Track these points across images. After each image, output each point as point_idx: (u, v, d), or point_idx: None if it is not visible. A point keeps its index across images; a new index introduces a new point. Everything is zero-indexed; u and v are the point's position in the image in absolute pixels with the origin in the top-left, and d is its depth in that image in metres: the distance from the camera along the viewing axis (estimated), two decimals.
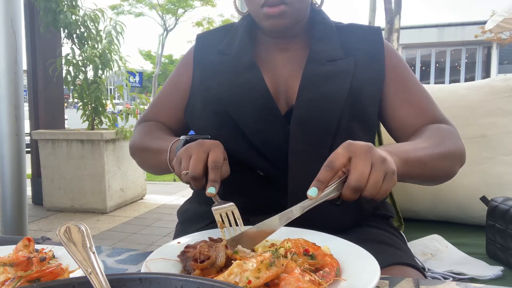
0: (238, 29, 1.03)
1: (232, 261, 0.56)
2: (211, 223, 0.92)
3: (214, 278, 0.50)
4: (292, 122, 0.88)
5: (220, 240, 0.67)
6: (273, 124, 0.90)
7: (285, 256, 0.58)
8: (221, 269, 0.58)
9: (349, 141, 0.67)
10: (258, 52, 1.01)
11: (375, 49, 0.97)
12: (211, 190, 0.74)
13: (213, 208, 0.75)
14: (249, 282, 0.50)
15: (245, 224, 0.73)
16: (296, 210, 0.66)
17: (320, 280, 0.55)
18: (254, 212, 0.83)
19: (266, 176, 0.89)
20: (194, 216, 0.99)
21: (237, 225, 0.72)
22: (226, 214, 0.74)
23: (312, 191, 0.63)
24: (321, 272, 0.57)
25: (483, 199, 1.33)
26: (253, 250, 0.65)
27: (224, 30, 1.07)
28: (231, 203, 0.75)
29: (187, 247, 0.65)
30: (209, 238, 0.69)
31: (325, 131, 0.87)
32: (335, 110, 0.88)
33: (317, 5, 1.01)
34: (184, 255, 0.63)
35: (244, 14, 1.05)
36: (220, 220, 0.73)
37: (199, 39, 1.09)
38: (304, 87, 0.91)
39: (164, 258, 0.63)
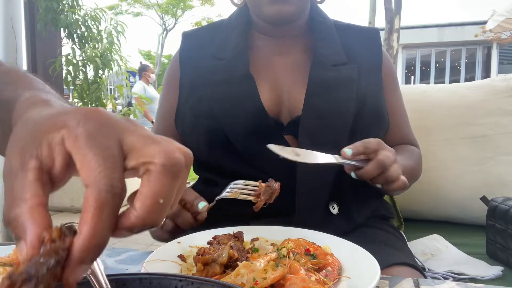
0: (231, 27, 0.95)
1: (238, 262, 0.56)
2: (210, 225, 0.91)
3: (220, 279, 0.50)
4: (300, 133, 0.84)
5: (240, 233, 0.67)
6: (268, 141, 0.84)
7: (288, 256, 0.58)
8: (225, 270, 0.58)
9: (380, 139, 0.75)
10: (256, 57, 0.93)
11: (374, 56, 0.96)
12: (201, 205, 0.73)
13: (217, 199, 0.75)
14: (256, 283, 0.51)
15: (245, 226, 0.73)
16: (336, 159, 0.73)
17: (325, 279, 0.55)
18: (257, 217, 0.81)
19: None
20: None
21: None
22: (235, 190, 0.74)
23: (348, 151, 0.72)
24: (324, 271, 0.57)
25: (483, 199, 1.32)
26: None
27: (214, 27, 0.99)
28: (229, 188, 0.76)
29: (214, 237, 0.66)
30: (233, 233, 0.68)
31: (335, 142, 0.83)
32: (344, 120, 0.86)
33: (317, 1, 0.97)
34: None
35: (239, 5, 0.97)
36: (233, 194, 0.74)
37: (186, 38, 1.00)
38: (311, 94, 0.86)
39: (163, 259, 0.63)
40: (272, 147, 0.68)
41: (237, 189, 0.74)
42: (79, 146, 0.29)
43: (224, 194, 0.74)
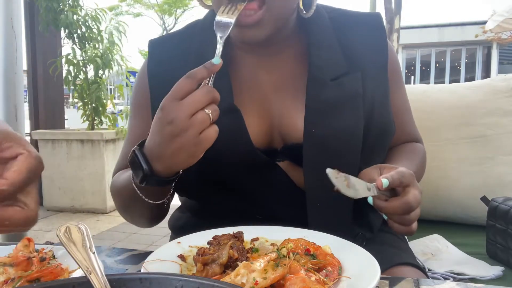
0: (206, 37, 0.80)
1: (238, 262, 0.56)
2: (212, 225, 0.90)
3: (220, 279, 0.50)
4: (305, 166, 0.76)
5: (240, 233, 0.66)
6: (262, 174, 0.78)
7: (288, 256, 0.58)
8: (225, 270, 0.58)
9: (413, 173, 0.68)
10: (238, 77, 0.80)
11: (378, 52, 0.83)
12: (216, 60, 0.62)
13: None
14: (256, 283, 0.50)
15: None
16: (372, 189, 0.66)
17: (325, 279, 0.55)
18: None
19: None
20: (190, 224, 0.90)
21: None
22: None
23: (385, 182, 0.64)
24: (324, 271, 0.57)
25: (484, 199, 1.33)
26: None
27: (186, 35, 0.85)
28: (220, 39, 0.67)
29: (214, 237, 0.65)
30: (233, 233, 0.67)
31: (345, 167, 0.71)
32: (353, 143, 0.77)
33: (304, 12, 0.79)
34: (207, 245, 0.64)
35: (211, 7, 0.82)
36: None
37: (153, 48, 0.86)
38: (311, 120, 0.76)
39: (163, 259, 0.63)
40: (329, 173, 0.61)
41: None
42: (28, 163, 0.48)
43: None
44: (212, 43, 0.72)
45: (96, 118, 4.31)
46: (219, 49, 0.64)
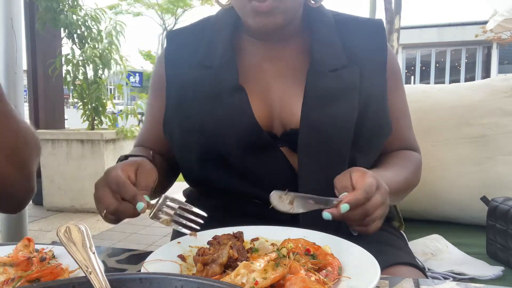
0: (219, 28, 0.88)
1: (238, 262, 0.56)
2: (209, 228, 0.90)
3: (220, 280, 0.50)
4: (299, 149, 0.80)
5: (240, 233, 0.66)
6: (264, 154, 0.82)
7: (288, 256, 0.58)
8: (225, 270, 0.58)
9: (378, 178, 0.69)
10: (245, 63, 0.87)
11: (378, 54, 0.87)
12: (139, 207, 0.67)
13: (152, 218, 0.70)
14: (256, 283, 0.50)
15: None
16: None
17: (325, 279, 0.55)
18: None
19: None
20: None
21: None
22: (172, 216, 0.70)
23: (344, 208, 0.65)
24: (324, 271, 0.57)
25: (484, 199, 1.33)
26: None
27: (200, 27, 0.92)
28: (162, 196, 0.70)
29: (214, 237, 0.65)
30: (233, 233, 0.67)
31: (337, 155, 0.80)
32: (345, 132, 0.80)
33: (313, 3, 0.87)
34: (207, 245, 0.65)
35: (225, 6, 0.90)
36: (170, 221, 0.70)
37: (171, 39, 0.94)
38: (309, 107, 0.80)
39: (163, 259, 0.63)
40: (273, 198, 0.65)
41: (170, 213, 0.70)
42: None
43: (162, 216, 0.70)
44: (217, 43, 0.85)
45: (96, 118, 4.31)
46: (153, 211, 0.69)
